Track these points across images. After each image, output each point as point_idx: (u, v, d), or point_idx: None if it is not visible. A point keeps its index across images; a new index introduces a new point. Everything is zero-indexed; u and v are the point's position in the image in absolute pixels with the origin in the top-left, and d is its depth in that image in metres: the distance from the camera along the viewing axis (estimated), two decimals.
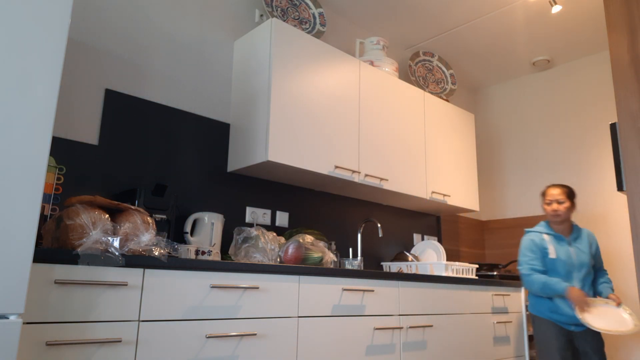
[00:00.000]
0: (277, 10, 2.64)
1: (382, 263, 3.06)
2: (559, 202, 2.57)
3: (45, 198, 1.76)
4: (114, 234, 1.45)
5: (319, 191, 2.89)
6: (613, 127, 1.40)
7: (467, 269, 2.84)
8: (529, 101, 3.99)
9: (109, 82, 2.13)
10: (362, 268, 2.61)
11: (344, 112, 2.62)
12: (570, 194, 2.62)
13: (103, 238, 1.39)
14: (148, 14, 2.31)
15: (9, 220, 1.12)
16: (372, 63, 3.00)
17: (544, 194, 2.66)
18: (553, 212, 2.57)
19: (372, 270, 2.10)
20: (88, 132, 2.04)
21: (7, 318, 1.09)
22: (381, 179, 2.74)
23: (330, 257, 2.20)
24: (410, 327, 2.22)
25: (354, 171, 2.60)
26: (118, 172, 2.10)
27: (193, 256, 1.96)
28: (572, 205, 2.60)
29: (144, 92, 2.24)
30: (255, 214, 2.53)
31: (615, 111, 3.45)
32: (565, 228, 2.60)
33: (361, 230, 2.92)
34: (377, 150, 2.76)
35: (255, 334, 1.67)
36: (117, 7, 2.20)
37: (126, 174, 2.12)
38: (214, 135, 2.46)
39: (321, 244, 2.20)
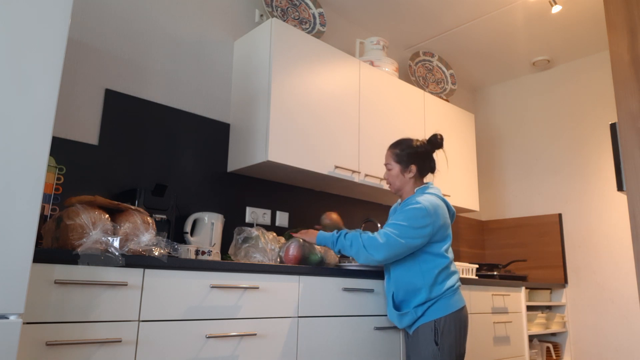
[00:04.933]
0: (277, 10, 2.64)
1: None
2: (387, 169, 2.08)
3: (45, 198, 1.76)
4: (114, 234, 1.45)
5: (319, 191, 2.89)
6: (613, 127, 1.40)
7: (467, 269, 2.84)
8: (529, 101, 3.99)
9: (109, 82, 2.13)
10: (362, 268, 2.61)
11: (344, 112, 2.62)
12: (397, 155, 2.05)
13: (103, 238, 1.39)
14: (148, 14, 2.31)
15: (9, 220, 1.12)
16: (372, 63, 2.99)
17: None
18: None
19: (372, 270, 2.10)
20: (88, 132, 2.04)
21: (7, 318, 1.09)
22: (381, 179, 2.74)
23: (331, 257, 2.19)
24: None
25: (354, 171, 2.60)
26: (118, 172, 2.09)
27: (193, 256, 1.96)
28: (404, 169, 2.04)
29: (144, 92, 2.24)
30: (255, 214, 2.53)
31: (615, 111, 3.46)
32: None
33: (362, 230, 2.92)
34: (377, 150, 2.76)
35: (255, 334, 1.67)
36: (117, 7, 2.20)
37: (126, 174, 2.12)
38: (214, 135, 2.45)
39: None
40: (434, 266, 1.89)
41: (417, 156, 2.04)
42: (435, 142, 2.06)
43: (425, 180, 2.09)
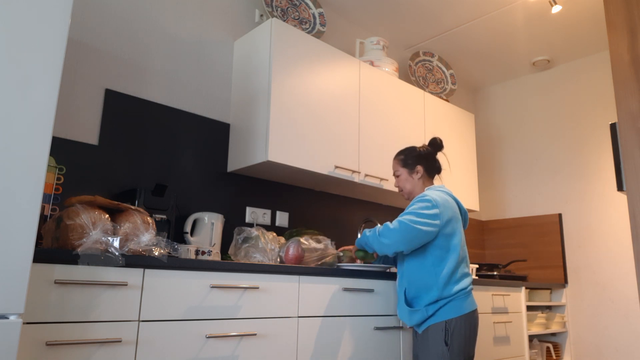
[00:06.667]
0: (277, 10, 2.64)
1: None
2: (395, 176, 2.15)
3: (45, 198, 1.76)
4: (114, 234, 1.45)
5: (319, 191, 2.89)
6: (613, 127, 1.40)
7: None
8: (529, 101, 3.99)
9: (109, 82, 2.13)
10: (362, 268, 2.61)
11: (344, 112, 2.62)
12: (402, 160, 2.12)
13: (103, 238, 1.39)
14: (148, 13, 2.31)
15: (9, 220, 1.12)
16: (372, 63, 2.99)
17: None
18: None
19: (372, 270, 2.10)
20: (88, 132, 2.04)
21: (7, 318, 1.09)
22: (381, 179, 2.74)
23: (331, 253, 2.18)
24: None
25: (354, 171, 2.60)
26: (118, 172, 2.09)
27: (193, 256, 1.96)
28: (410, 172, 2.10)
29: (144, 92, 2.24)
30: (255, 214, 2.53)
31: (615, 111, 3.46)
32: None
33: (361, 230, 2.92)
34: (377, 150, 2.76)
35: (255, 334, 1.67)
36: (117, 7, 2.20)
37: (126, 174, 2.12)
38: (214, 135, 2.46)
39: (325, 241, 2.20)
40: (445, 263, 1.90)
41: (421, 158, 2.10)
42: (436, 144, 2.13)
43: (435, 183, 2.13)
